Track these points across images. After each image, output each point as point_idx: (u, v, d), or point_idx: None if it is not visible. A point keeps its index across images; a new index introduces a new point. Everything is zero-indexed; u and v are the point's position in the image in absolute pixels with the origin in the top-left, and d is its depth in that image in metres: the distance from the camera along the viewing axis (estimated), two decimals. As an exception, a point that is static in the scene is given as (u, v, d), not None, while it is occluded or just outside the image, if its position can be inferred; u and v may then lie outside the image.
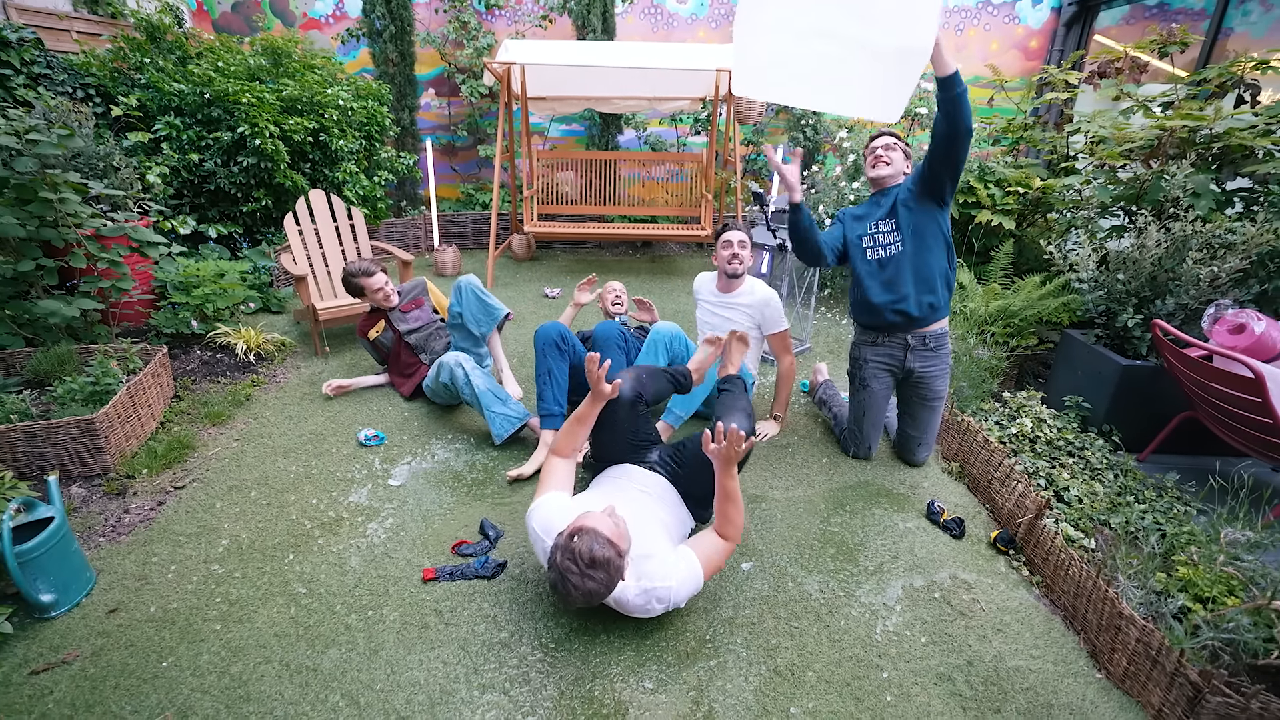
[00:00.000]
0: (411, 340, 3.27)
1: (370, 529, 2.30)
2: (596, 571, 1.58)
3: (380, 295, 3.25)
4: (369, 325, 3.36)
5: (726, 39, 6.42)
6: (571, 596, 1.60)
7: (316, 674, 1.73)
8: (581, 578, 1.57)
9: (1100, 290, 3.06)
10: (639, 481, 2.11)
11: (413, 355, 3.28)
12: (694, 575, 1.77)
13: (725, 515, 1.87)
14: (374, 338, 3.35)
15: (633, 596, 1.72)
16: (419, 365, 3.25)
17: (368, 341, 3.38)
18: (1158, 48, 4.26)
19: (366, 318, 3.37)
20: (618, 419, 2.16)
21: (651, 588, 1.72)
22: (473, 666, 1.76)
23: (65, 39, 4.90)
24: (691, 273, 5.60)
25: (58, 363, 2.87)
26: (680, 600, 1.77)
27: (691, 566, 1.77)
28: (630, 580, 1.72)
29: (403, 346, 3.28)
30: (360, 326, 3.40)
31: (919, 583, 2.12)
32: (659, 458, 2.24)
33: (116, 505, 2.41)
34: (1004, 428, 2.93)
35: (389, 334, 3.33)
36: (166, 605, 1.94)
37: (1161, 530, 2.24)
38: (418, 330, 3.30)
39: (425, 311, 3.38)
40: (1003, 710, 1.69)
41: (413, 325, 3.30)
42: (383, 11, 6.01)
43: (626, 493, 2.03)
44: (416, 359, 3.27)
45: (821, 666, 1.80)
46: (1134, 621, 1.75)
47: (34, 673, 1.70)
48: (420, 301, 3.39)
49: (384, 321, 3.33)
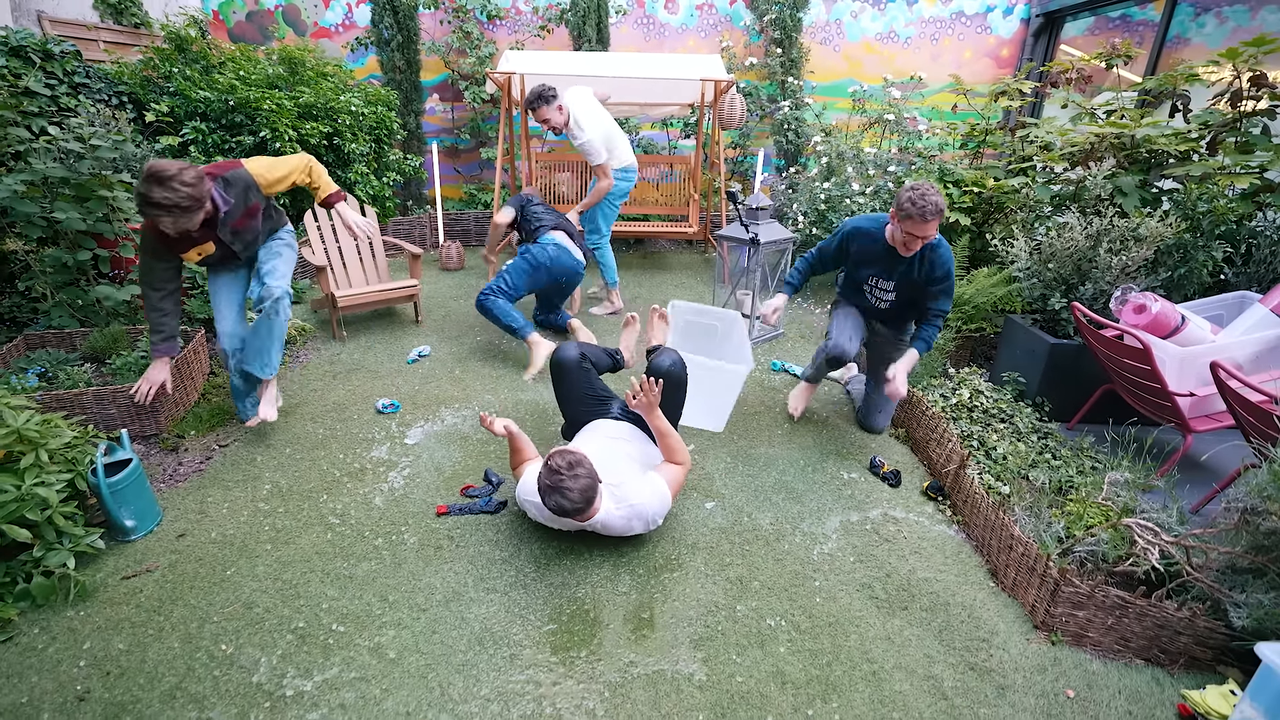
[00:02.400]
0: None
1: (390, 476, 2.69)
2: (579, 469, 1.98)
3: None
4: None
5: (715, 48, 6.82)
6: (570, 498, 1.96)
7: (353, 580, 2.12)
8: (571, 479, 1.96)
9: (1034, 278, 3.45)
10: (605, 431, 2.51)
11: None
12: (662, 494, 2.17)
13: (668, 448, 2.30)
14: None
15: (615, 518, 2.12)
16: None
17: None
18: (1105, 59, 4.66)
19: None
20: (573, 380, 2.58)
21: (630, 506, 2.11)
22: (478, 576, 2.16)
23: (94, 49, 5.29)
24: (680, 268, 6.00)
25: (112, 341, 3.25)
26: (655, 516, 2.17)
27: (658, 487, 2.18)
28: (610, 504, 2.12)
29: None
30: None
31: (854, 518, 2.51)
32: (619, 409, 2.64)
33: (171, 459, 2.81)
34: (947, 399, 3.33)
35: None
36: (224, 532, 2.34)
37: (1062, 476, 2.63)
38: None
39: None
40: (909, 608, 2.08)
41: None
42: (390, 22, 6.41)
43: (595, 441, 2.43)
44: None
45: (766, 578, 2.19)
46: (1020, 540, 2.14)
47: (126, 578, 2.10)
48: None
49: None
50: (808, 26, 6.75)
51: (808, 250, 3.14)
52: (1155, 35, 5.43)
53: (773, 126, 6.93)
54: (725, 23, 6.80)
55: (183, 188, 2.24)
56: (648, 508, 2.14)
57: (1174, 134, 3.68)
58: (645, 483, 2.19)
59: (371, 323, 4.42)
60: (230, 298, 2.86)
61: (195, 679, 1.77)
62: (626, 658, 1.88)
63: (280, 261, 2.84)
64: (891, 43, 6.92)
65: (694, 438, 3.06)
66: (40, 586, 1.94)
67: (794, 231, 4.88)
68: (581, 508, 2.01)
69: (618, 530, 2.17)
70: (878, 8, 6.79)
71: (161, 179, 2.21)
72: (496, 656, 1.87)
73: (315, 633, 1.93)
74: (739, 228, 4.04)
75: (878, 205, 4.92)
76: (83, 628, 1.92)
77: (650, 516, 2.16)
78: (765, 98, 6.87)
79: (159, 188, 2.21)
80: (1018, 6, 6.80)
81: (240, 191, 2.60)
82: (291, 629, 1.94)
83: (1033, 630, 2.03)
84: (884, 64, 6.94)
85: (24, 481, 1.94)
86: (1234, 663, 1.91)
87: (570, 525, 2.21)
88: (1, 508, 1.86)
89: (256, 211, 2.68)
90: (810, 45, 6.81)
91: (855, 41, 6.90)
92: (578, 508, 2.00)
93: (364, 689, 1.76)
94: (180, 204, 2.25)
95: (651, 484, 2.19)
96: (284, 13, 6.71)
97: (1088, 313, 2.91)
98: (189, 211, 2.30)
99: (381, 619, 1.98)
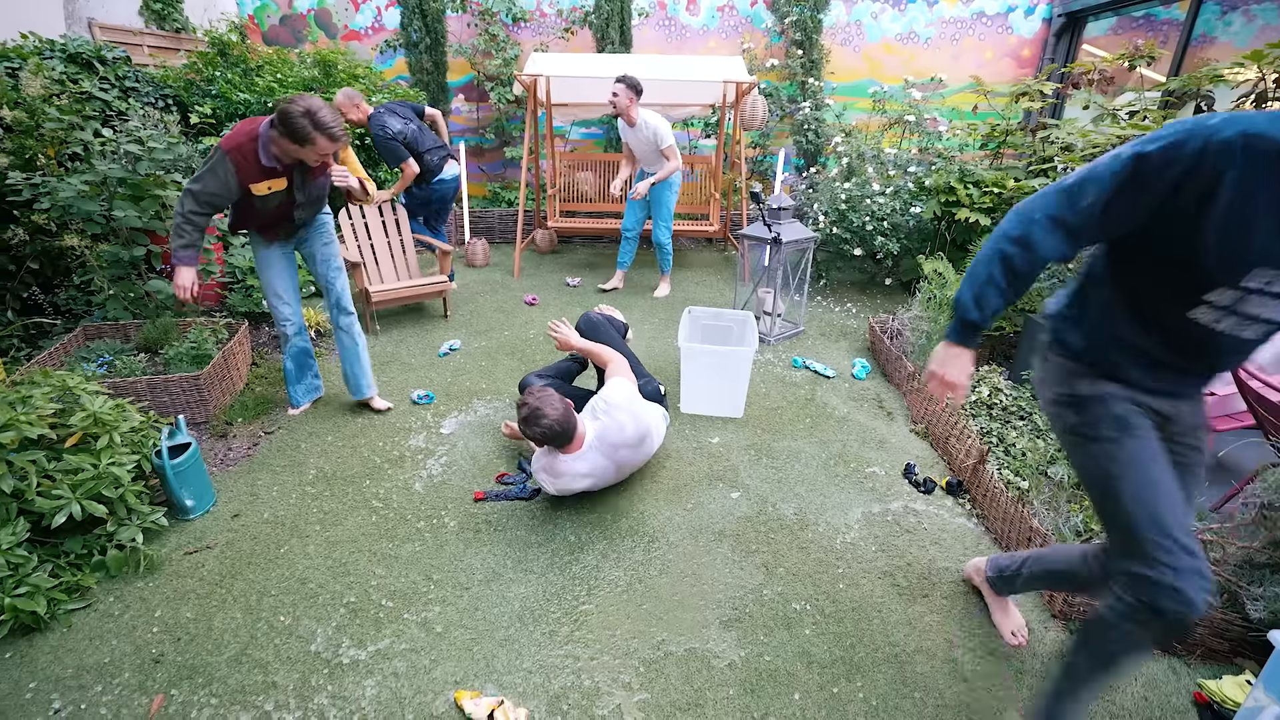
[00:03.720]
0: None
1: (429, 464, 2.82)
2: (544, 392, 2.32)
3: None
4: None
5: (736, 50, 6.89)
6: (550, 409, 2.26)
7: (398, 559, 2.25)
8: (543, 402, 2.26)
9: (1054, 278, 3.51)
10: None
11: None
12: (622, 383, 2.59)
13: (598, 359, 2.81)
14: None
15: (613, 428, 2.44)
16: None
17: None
18: (1128, 60, 4.68)
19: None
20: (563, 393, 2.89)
21: (609, 410, 2.46)
22: (516, 558, 2.27)
23: (139, 53, 5.49)
24: (700, 265, 6.09)
25: (163, 332, 3.42)
26: (633, 403, 2.53)
27: (617, 381, 2.60)
28: (593, 423, 2.46)
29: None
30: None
31: (876, 510, 2.60)
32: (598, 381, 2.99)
33: (221, 445, 2.96)
34: (966, 396, 3.39)
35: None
36: (275, 513, 2.48)
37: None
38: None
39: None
40: (930, 596, 2.16)
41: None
42: (419, 25, 6.56)
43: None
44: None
45: (791, 564, 2.29)
46: (1039, 533, 2.22)
47: (188, 553, 2.24)
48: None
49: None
50: (828, 28, 6.80)
51: (1057, 186, 1.35)
52: (1180, 35, 5.42)
53: (793, 127, 6.99)
54: (746, 24, 6.87)
55: (339, 118, 2.49)
56: (620, 393, 2.52)
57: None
58: (607, 386, 2.59)
59: (402, 317, 4.57)
60: (288, 281, 2.97)
61: (258, 646, 1.90)
62: (659, 636, 1.98)
63: (341, 270, 3.07)
64: (912, 43, 6.94)
65: (718, 429, 3.16)
66: (115, 559, 2.08)
67: (815, 231, 4.94)
68: (563, 420, 2.28)
69: (632, 434, 2.48)
70: (898, 9, 6.82)
71: (327, 108, 2.45)
72: (536, 632, 1.98)
73: (366, 607, 2.05)
74: (761, 227, 4.12)
75: (898, 205, 4.97)
76: (153, 597, 2.06)
77: (628, 405, 2.51)
78: (786, 98, 6.93)
79: (329, 114, 2.44)
80: (1039, 6, 6.80)
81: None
82: (344, 603, 2.07)
83: (1050, 618, 2.10)
84: (904, 64, 6.97)
85: (100, 461, 2.08)
86: (1251, 655, 1.96)
87: (607, 470, 2.48)
88: (82, 485, 2.01)
89: (325, 169, 2.78)
90: (830, 46, 6.86)
91: (875, 42, 6.94)
92: (559, 421, 2.27)
93: (414, 659, 1.88)
94: (339, 132, 2.48)
95: (612, 382, 2.61)
96: (316, 16, 6.89)
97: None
98: (341, 140, 2.52)
99: (427, 596, 2.10)
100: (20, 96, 3.34)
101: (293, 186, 2.70)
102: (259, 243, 2.89)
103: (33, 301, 3.77)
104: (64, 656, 1.85)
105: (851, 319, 4.76)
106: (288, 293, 2.98)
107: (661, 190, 4.82)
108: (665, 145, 4.58)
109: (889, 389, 3.70)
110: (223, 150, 2.50)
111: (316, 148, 2.47)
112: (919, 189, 5.03)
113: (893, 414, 3.41)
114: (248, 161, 2.53)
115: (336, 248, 3.07)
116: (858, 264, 5.56)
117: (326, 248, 3.03)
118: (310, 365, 3.23)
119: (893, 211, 4.96)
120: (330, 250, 3.04)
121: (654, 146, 4.63)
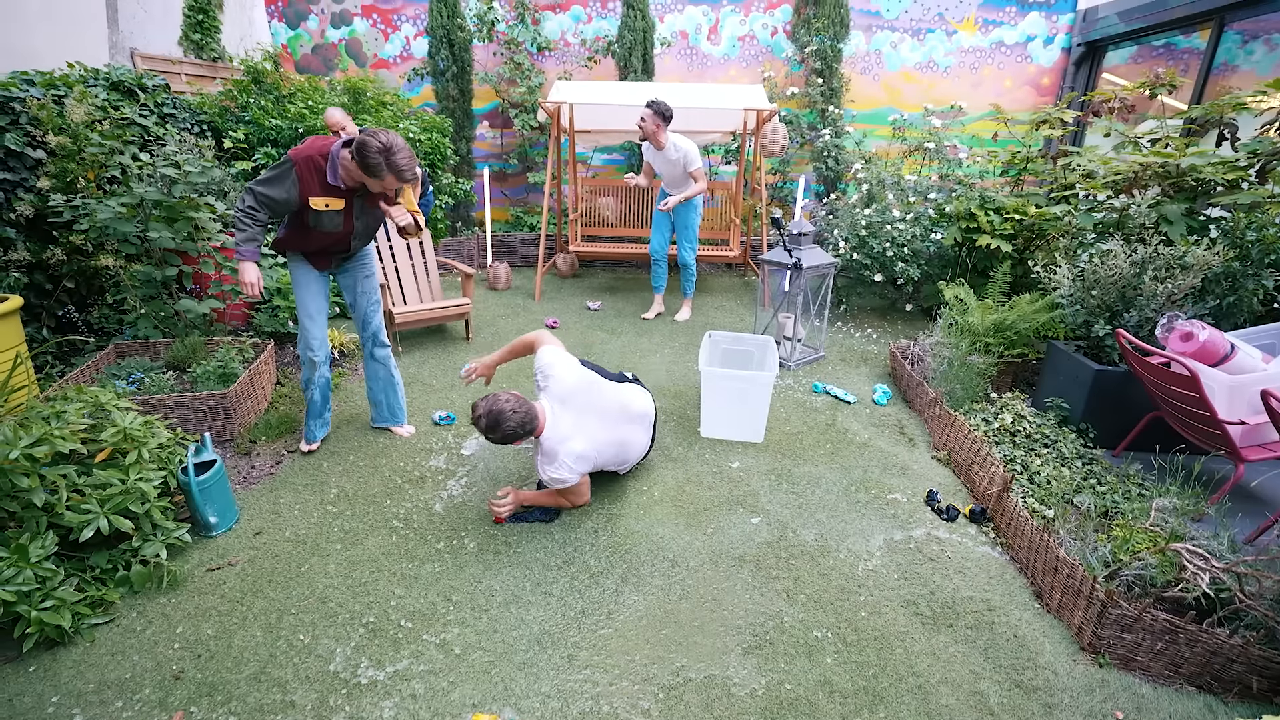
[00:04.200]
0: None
1: (449, 485, 2.83)
2: (488, 398, 2.37)
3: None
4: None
5: (756, 78, 6.99)
6: (504, 404, 2.34)
7: (417, 580, 2.25)
8: (494, 404, 2.33)
9: (1077, 305, 3.47)
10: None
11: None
12: (546, 349, 2.68)
13: (519, 351, 2.83)
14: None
15: (550, 385, 2.58)
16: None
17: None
18: (1149, 88, 4.68)
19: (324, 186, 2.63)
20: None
21: (540, 373, 2.62)
22: (535, 580, 2.26)
23: (177, 81, 5.70)
24: (720, 290, 6.11)
25: (191, 351, 3.49)
26: (563, 356, 2.67)
27: (542, 350, 2.69)
28: (542, 395, 2.59)
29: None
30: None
31: (899, 537, 2.56)
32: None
33: (245, 462, 2.99)
34: (989, 423, 3.35)
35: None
36: (297, 531, 2.50)
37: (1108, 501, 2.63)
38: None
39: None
40: (954, 625, 2.12)
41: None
42: (446, 54, 6.74)
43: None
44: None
45: (811, 591, 2.25)
46: (1066, 563, 2.17)
47: (210, 570, 2.26)
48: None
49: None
50: (848, 57, 6.88)
51: None
52: (1201, 63, 5.41)
53: (812, 153, 7.04)
54: (766, 53, 6.98)
55: (414, 160, 2.52)
56: (547, 357, 2.64)
57: (1221, 162, 3.68)
58: (536, 360, 2.70)
59: (425, 338, 4.62)
60: (322, 303, 2.93)
61: (277, 665, 1.91)
62: (679, 662, 1.96)
63: (378, 305, 3.11)
64: (931, 72, 7.00)
65: (738, 454, 3.14)
66: (139, 574, 2.11)
67: (835, 256, 4.95)
68: (520, 405, 2.36)
69: (576, 379, 2.61)
70: (917, 38, 6.89)
71: (406, 150, 2.48)
72: (555, 656, 1.96)
73: (385, 627, 2.05)
74: (782, 252, 4.14)
75: (919, 232, 4.97)
76: (174, 614, 2.07)
77: (567, 358, 2.69)
78: (805, 125, 7.00)
79: (405, 156, 2.47)
80: (1059, 36, 6.84)
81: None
82: (363, 623, 2.07)
83: (1079, 652, 2.05)
84: (923, 92, 7.02)
85: (129, 476, 2.12)
86: (1289, 693, 1.90)
87: (594, 425, 2.58)
88: (110, 500, 2.04)
89: (385, 200, 2.80)
90: (850, 75, 6.94)
91: (894, 71, 7.01)
92: (517, 408, 2.35)
93: (432, 681, 1.87)
94: (410, 175, 2.52)
95: (537, 356, 2.70)
96: (347, 46, 7.11)
97: (1133, 339, 2.92)
98: (411, 182, 2.58)
99: (446, 617, 2.10)
100: (65, 123, 3.48)
101: (351, 212, 2.72)
102: (300, 264, 2.85)
103: (67, 319, 3.88)
104: (86, 671, 1.87)
105: (872, 344, 4.74)
106: (321, 314, 2.93)
107: (687, 212, 4.87)
108: (695, 168, 4.65)
109: (910, 415, 3.66)
110: (291, 160, 2.55)
111: (384, 183, 2.51)
112: (939, 215, 5.03)
113: (914, 440, 3.37)
114: (312, 175, 2.57)
115: (376, 281, 3.08)
116: (878, 289, 5.55)
117: (368, 280, 3.05)
118: (329, 397, 3.14)
119: (913, 238, 4.96)
120: (371, 284, 3.06)
121: (682, 169, 4.68)
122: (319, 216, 2.64)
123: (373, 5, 6.95)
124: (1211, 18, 5.33)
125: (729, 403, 3.24)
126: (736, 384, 3.19)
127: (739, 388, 3.19)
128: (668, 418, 3.50)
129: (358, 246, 2.92)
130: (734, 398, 3.22)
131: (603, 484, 2.84)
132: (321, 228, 2.69)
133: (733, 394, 3.21)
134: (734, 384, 3.19)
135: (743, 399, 3.21)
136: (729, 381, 3.19)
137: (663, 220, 4.99)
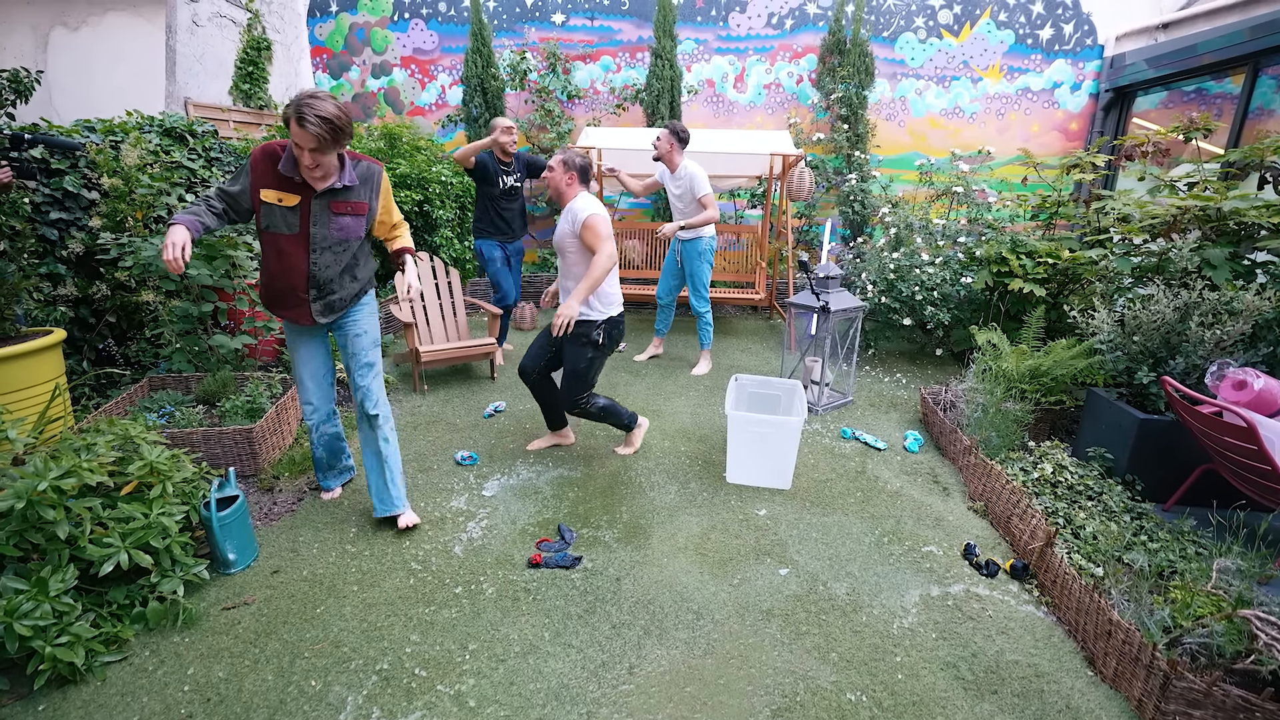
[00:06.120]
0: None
1: (469, 526, 2.78)
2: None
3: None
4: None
5: (782, 124, 7.09)
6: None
7: (434, 626, 2.18)
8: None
9: (1118, 351, 3.35)
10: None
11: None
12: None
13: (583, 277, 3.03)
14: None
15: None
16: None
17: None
18: (1183, 132, 4.62)
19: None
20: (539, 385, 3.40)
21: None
22: (555, 630, 2.18)
23: (225, 128, 5.96)
24: (745, 333, 6.07)
25: (222, 385, 3.54)
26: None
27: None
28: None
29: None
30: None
31: (935, 592, 2.42)
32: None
33: (267, 499, 2.98)
34: (1028, 473, 3.21)
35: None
36: (314, 571, 2.45)
37: (1162, 560, 2.47)
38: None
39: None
40: (1000, 692, 1.97)
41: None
42: (480, 101, 6.97)
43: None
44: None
45: (844, 649, 2.13)
46: (1121, 626, 2.02)
47: (226, 608, 2.22)
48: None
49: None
50: (873, 104, 6.95)
51: None
52: (1236, 108, 5.34)
53: (839, 198, 7.06)
54: (792, 100, 7.08)
55: (336, 108, 2.23)
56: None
57: (1265, 206, 3.58)
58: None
59: (450, 377, 4.64)
60: (316, 365, 2.78)
61: (287, 713, 1.84)
62: (703, 723, 1.85)
63: (373, 367, 2.74)
64: (957, 118, 7.02)
65: (764, 501, 3.05)
66: (154, 611, 2.08)
67: (863, 300, 4.90)
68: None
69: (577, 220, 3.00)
70: (942, 85, 6.94)
71: (327, 101, 2.22)
72: (573, 713, 1.87)
73: (399, 675, 1.98)
74: (809, 295, 4.10)
75: (948, 275, 4.90)
76: (187, 653, 2.03)
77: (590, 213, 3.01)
78: (831, 170, 7.04)
79: (318, 104, 2.18)
80: (1085, 82, 6.83)
81: (364, 188, 2.55)
82: (376, 670, 2.00)
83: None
84: (949, 138, 7.03)
85: (152, 511, 2.11)
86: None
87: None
88: (132, 533, 2.03)
89: (361, 212, 2.55)
90: (876, 121, 6.99)
91: (920, 117, 7.05)
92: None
93: (445, 735, 1.79)
94: (331, 117, 2.21)
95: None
96: (385, 94, 7.40)
97: (1180, 387, 2.79)
98: (334, 127, 2.23)
99: (462, 666, 2.02)
100: (119, 166, 3.63)
101: (307, 215, 2.44)
102: (287, 324, 2.70)
103: (106, 352, 3.97)
104: (95, 712, 1.82)
105: (901, 389, 4.63)
106: (313, 379, 2.77)
107: (694, 262, 4.71)
108: (701, 194, 4.50)
109: (944, 463, 3.54)
110: (250, 154, 2.47)
111: (295, 136, 2.24)
112: (969, 259, 4.96)
113: (949, 490, 3.24)
114: (266, 164, 2.40)
115: (371, 339, 2.74)
116: (907, 333, 5.46)
117: (358, 339, 2.70)
118: (342, 450, 3.03)
119: (943, 281, 4.89)
120: (360, 344, 2.70)
121: (691, 195, 4.57)
122: (271, 212, 2.42)
123: (411, 56, 7.25)
124: (1245, 63, 5.29)
125: (756, 447, 3.16)
126: (764, 429, 3.12)
127: (766, 432, 3.12)
128: (692, 462, 3.43)
129: (327, 277, 2.55)
130: (761, 443, 3.14)
131: (626, 528, 2.77)
132: (275, 228, 2.45)
133: (760, 439, 3.14)
134: (761, 428, 3.12)
135: (770, 444, 3.13)
136: (756, 426, 3.12)
137: (671, 266, 4.89)
